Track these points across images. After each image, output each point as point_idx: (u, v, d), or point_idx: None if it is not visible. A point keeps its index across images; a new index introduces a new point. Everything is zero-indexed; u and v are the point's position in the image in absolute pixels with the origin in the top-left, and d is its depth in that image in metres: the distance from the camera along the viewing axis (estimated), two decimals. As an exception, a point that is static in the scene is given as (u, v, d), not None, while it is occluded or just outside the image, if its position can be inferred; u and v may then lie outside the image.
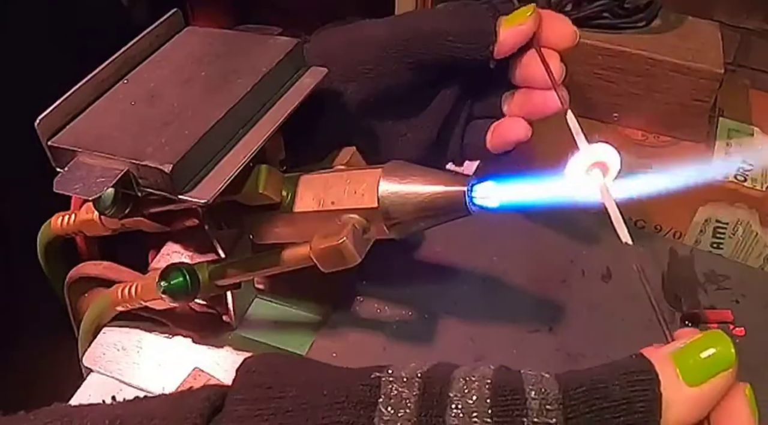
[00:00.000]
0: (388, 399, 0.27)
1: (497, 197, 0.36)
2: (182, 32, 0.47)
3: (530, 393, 0.26)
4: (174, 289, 0.43)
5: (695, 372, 0.26)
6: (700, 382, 0.26)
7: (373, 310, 0.52)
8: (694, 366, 0.26)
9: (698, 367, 0.26)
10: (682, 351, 0.27)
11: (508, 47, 0.43)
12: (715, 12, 1.35)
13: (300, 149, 0.47)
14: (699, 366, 0.26)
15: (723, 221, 0.56)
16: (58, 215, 0.49)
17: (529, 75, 0.44)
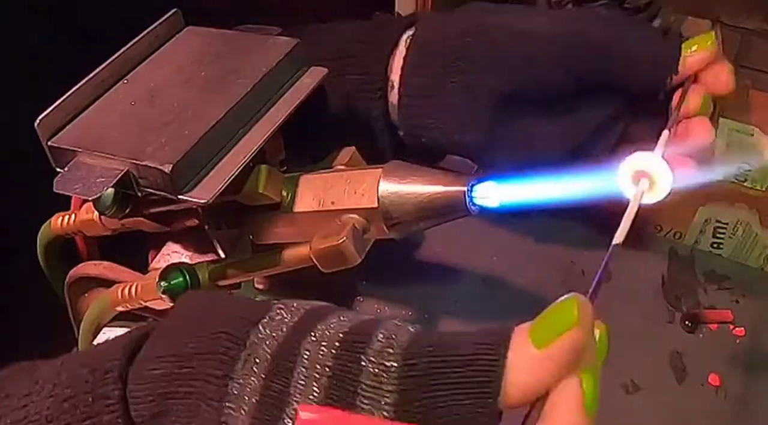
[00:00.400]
0: (270, 321, 0.29)
1: (497, 197, 0.36)
2: (182, 32, 0.47)
3: (378, 336, 0.27)
4: (174, 289, 0.43)
5: (541, 334, 0.26)
6: (546, 343, 0.26)
7: (373, 310, 0.52)
8: (540, 329, 0.26)
9: (544, 329, 0.26)
10: (537, 318, 0.27)
11: (684, 76, 0.41)
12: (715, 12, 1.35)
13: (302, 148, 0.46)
14: (545, 327, 0.26)
15: (723, 221, 0.56)
16: (58, 215, 0.49)
17: None
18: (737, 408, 0.48)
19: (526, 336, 0.26)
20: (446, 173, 0.39)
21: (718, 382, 0.49)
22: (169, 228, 0.46)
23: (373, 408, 0.26)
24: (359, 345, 0.27)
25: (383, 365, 0.26)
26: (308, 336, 0.28)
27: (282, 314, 0.30)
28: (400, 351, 0.27)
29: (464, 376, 0.26)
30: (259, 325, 0.29)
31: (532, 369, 0.26)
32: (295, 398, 0.27)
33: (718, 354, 0.51)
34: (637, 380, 0.50)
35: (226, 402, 0.27)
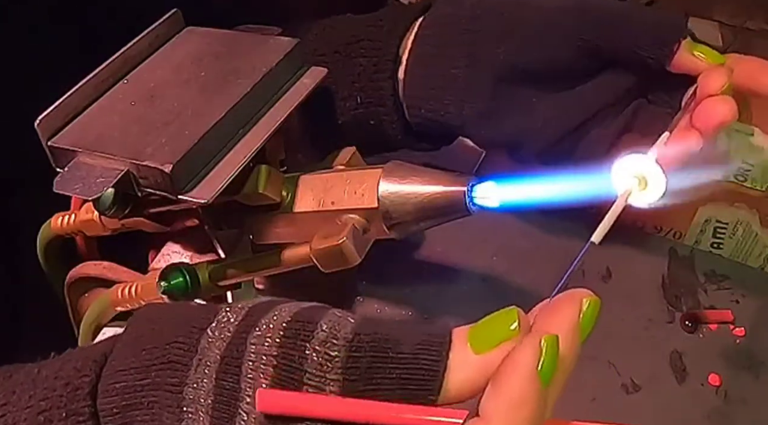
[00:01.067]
0: (218, 324, 0.30)
1: (497, 197, 0.36)
2: (182, 32, 0.47)
3: (322, 326, 0.28)
4: (174, 289, 0.43)
5: (480, 341, 0.27)
6: (484, 350, 0.27)
7: (373, 310, 0.52)
8: (480, 336, 0.27)
9: (484, 337, 0.27)
10: (478, 324, 0.28)
11: (686, 67, 0.41)
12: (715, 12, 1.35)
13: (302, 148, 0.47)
14: (485, 336, 0.27)
15: (723, 221, 0.56)
16: (58, 215, 0.49)
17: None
18: (737, 408, 0.48)
19: (466, 339, 0.27)
20: (446, 173, 0.39)
21: (718, 382, 0.49)
22: (169, 228, 0.46)
23: None
24: (303, 333, 0.28)
25: (327, 354, 0.27)
26: (253, 330, 0.29)
27: (228, 316, 0.30)
28: (344, 342, 0.27)
29: (406, 373, 0.26)
30: (207, 330, 0.30)
31: (469, 372, 0.27)
32: (247, 392, 0.27)
33: (718, 354, 0.51)
34: (637, 380, 0.50)
35: (185, 407, 0.28)
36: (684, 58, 0.41)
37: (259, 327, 0.29)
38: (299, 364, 0.27)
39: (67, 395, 0.30)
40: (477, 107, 0.44)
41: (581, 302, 0.30)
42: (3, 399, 0.31)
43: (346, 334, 0.27)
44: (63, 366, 0.31)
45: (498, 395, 0.25)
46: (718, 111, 0.38)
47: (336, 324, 0.28)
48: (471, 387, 0.26)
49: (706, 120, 0.38)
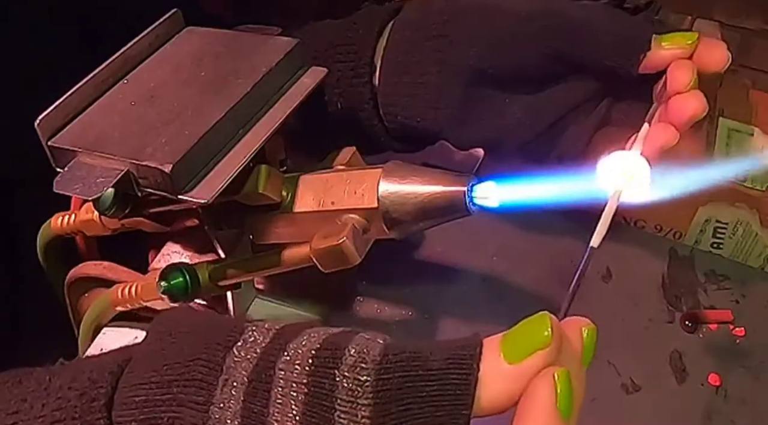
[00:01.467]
0: (244, 344, 0.30)
1: (497, 197, 0.36)
2: (182, 32, 0.47)
3: (350, 351, 0.28)
4: (174, 289, 0.43)
5: (514, 350, 0.27)
6: (518, 360, 0.26)
7: (373, 310, 0.52)
8: (513, 345, 0.27)
9: (517, 346, 0.27)
10: (510, 332, 0.28)
11: (656, 65, 0.41)
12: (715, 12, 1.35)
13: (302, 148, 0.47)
14: (518, 344, 0.27)
15: (723, 221, 0.56)
16: (58, 215, 0.49)
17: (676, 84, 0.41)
18: (737, 408, 0.48)
19: (498, 349, 0.27)
20: (446, 173, 0.39)
21: (718, 382, 0.49)
22: (169, 228, 0.46)
23: (350, 422, 0.26)
24: (332, 360, 0.28)
25: (357, 379, 0.27)
26: (281, 355, 0.29)
27: (255, 336, 0.30)
28: (373, 365, 0.27)
29: (437, 390, 0.26)
30: (233, 349, 0.29)
31: (503, 383, 0.26)
32: (275, 417, 0.27)
33: (718, 354, 0.51)
34: (637, 380, 0.50)
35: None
36: (652, 60, 0.41)
37: (287, 352, 0.29)
38: (330, 391, 0.27)
39: (82, 406, 0.30)
40: (451, 112, 0.45)
41: (581, 332, 0.29)
42: (14, 406, 0.30)
43: (374, 356, 0.27)
44: (77, 375, 0.31)
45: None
46: (689, 107, 0.39)
47: (364, 348, 0.28)
48: (506, 398, 0.26)
49: (677, 116, 0.39)
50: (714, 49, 0.41)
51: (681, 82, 0.40)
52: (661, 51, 0.41)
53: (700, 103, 0.40)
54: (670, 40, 0.41)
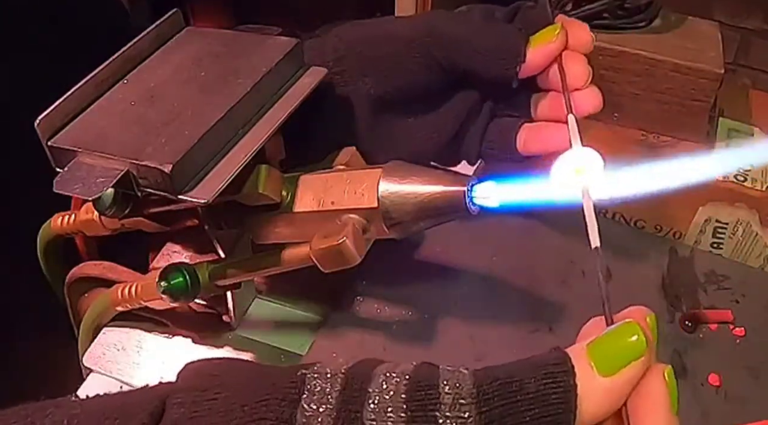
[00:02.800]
0: (311, 395, 0.28)
1: (497, 197, 0.36)
2: (182, 32, 0.47)
3: (444, 388, 0.27)
4: (174, 289, 0.43)
5: (607, 362, 0.26)
6: (613, 372, 0.26)
7: (373, 310, 0.52)
8: (606, 357, 0.26)
9: (610, 357, 0.26)
10: (596, 343, 0.27)
11: (535, 67, 0.43)
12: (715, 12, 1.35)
13: (301, 148, 0.47)
14: (611, 356, 0.26)
15: (723, 221, 0.56)
16: (58, 215, 0.49)
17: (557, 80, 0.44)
18: (737, 408, 0.48)
19: (587, 361, 0.27)
20: (446, 173, 0.39)
21: (718, 382, 0.49)
22: (169, 228, 0.46)
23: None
24: (429, 402, 0.26)
25: (460, 418, 0.26)
26: (366, 404, 0.27)
27: (321, 385, 0.28)
28: (471, 399, 0.26)
29: (539, 412, 0.26)
30: (302, 403, 0.28)
31: (603, 397, 0.26)
32: None
33: (718, 354, 0.51)
34: (637, 380, 0.50)
35: None
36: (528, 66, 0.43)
37: (372, 400, 0.27)
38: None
39: None
40: (361, 141, 0.47)
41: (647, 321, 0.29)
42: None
43: (470, 390, 0.27)
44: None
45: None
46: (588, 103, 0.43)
47: (456, 382, 0.27)
48: (606, 411, 0.26)
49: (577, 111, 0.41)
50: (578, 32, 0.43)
51: (579, 78, 0.42)
52: (532, 55, 0.43)
53: (598, 100, 0.43)
54: (537, 41, 0.43)
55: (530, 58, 0.43)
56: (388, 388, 0.27)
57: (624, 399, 0.26)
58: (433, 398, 0.26)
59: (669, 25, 0.61)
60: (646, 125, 0.60)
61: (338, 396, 0.28)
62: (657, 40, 0.59)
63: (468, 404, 0.26)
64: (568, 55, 0.43)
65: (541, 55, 0.43)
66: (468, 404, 0.26)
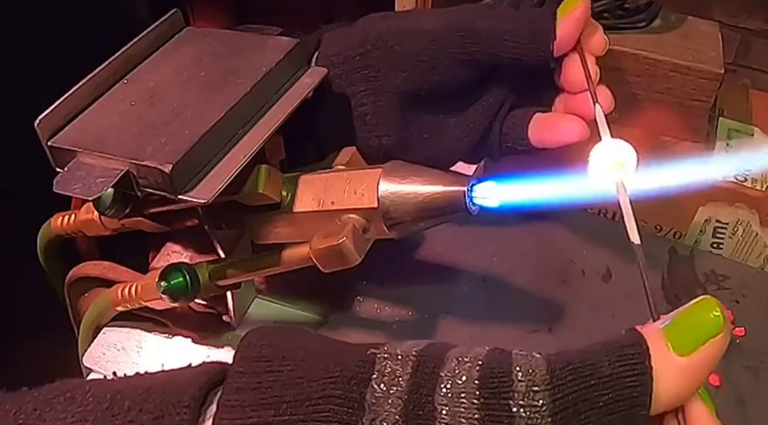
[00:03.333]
0: (381, 376, 0.27)
1: (497, 197, 0.36)
2: (182, 32, 0.47)
3: (517, 375, 0.26)
4: (174, 289, 0.43)
5: (684, 341, 0.26)
6: (690, 351, 0.25)
7: (373, 310, 0.52)
8: (683, 335, 0.26)
9: (687, 335, 0.26)
10: (673, 322, 0.27)
11: (567, 39, 0.43)
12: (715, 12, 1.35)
13: (301, 148, 0.47)
14: (688, 334, 0.26)
15: (723, 221, 0.56)
16: (58, 215, 0.49)
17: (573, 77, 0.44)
18: (737, 408, 0.48)
19: (664, 342, 0.26)
20: (446, 173, 0.39)
21: (718, 382, 0.49)
22: (169, 228, 0.46)
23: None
24: (502, 389, 0.26)
25: (534, 406, 0.25)
26: (437, 388, 0.26)
27: (391, 366, 0.27)
28: (544, 386, 0.26)
29: (613, 396, 0.25)
30: (372, 383, 0.27)
31: (680, 378, 0.25)
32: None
33: (718, 354, 0.51)
34: (637, 380, 0.50)
35: None
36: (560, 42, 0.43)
37: (444, 385, 0.26)
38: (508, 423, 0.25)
39: None
40: (392, 139, 0.46)
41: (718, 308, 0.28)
42: None
43: (543, 376, 0.26)
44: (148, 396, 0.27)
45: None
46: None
47: (530, 368, 0.26)
48: (683, 392, 0.26)
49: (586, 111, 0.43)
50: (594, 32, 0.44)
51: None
52: (562, 28, 0.42)
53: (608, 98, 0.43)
54: (562, 13, 0.43)
55: (560, 32, 0.42)
56: (460, 373, 0.27)
57: (704, 378, 0.26)
58: (506, 385, 0.26)
59: (669, 25, 0.61)
60: (646, 125, 0.60)
61: (409, 379, 0.27)
62: (657, 40, 0.59)
63: (542, 391, 0.26)
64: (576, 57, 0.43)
65: (569, 25, 0.42)
66: (542, 391, 0.26)
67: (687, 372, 0.25)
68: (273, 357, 0.28)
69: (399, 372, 0.27)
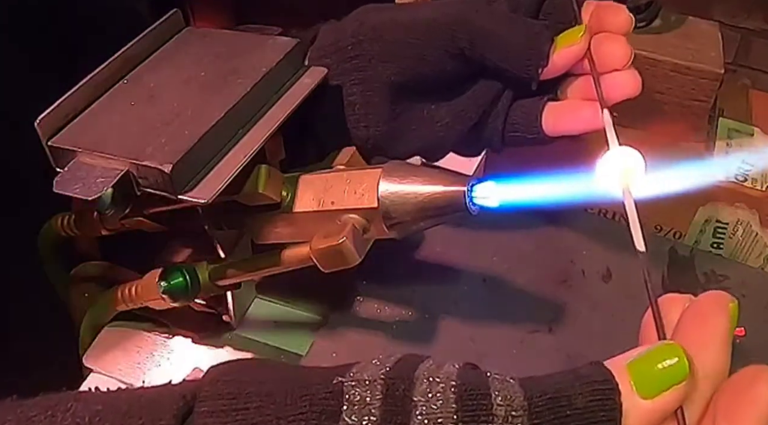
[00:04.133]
0: (351, 406, 0.26)
1: (497, 197, 0.36)
2: (182, 32, 0.47)
3: (496, 399, 0.26)
4: (174, 289, 0.43)
5: (648, 385, 0.26)
6: (653, 395, 0.25)
7: (373, 310, 0.52)
8: (646, 379, 0.26)
9: (651, 380, 0.26)
10: (636, 362, 0.26)
11: (557, 70, 0.42)
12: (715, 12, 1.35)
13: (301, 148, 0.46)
14: (651, 378, 0.26)
15: (723, 221, 0.56)
16: (58, 215, 0.49)
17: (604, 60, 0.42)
18: (737, 408, 0.48)
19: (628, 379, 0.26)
20: (446, 173, 0.39)
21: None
22: (169, 228, 0.46)
23: None
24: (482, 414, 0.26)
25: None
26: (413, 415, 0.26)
27: (360, 394, 0.27)
28: (523, 412, 0.26)
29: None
30: (343, 415, 0.26)
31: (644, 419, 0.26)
32: None
33: (718, 354, 0.51)
34: (637, 380, 0.50)
35: None
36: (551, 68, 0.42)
37: (419, 410, 0.26)
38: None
39: None
40: (383, 129, 0.46)
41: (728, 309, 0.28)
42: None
43: (521, 402, 0.26)
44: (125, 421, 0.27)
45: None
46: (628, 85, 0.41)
47: (507, 393, 0.26)
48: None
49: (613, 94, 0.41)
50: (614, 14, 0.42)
51: (619, 58, 0.41)
52: (557, 58, 0.41)
53: (637, 83, 0.41)
54: (561, 43, 0.42)
55: (554, 60, 0.42)
56: (434, 397, 0.26)
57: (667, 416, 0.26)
58: (485, 409, 0.26)
59: (669, 25, 0.61)
60: (646, 125, 0.60)
61: (381, 406, 0.26)
62: (657, 40, 0.59)
63: (520, 416, 0.26)
64: (606, 37, 0.42)
65: (564, 59, 0.42)
66: (520, 416, 0.26)
67: (651, 412, 0.26)
68: (238, 393, 0.28)
69: (369, 400, 0.27)
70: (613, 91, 0.41)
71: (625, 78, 0.41)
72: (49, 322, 0.53)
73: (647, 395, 0.25)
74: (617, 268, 0.56)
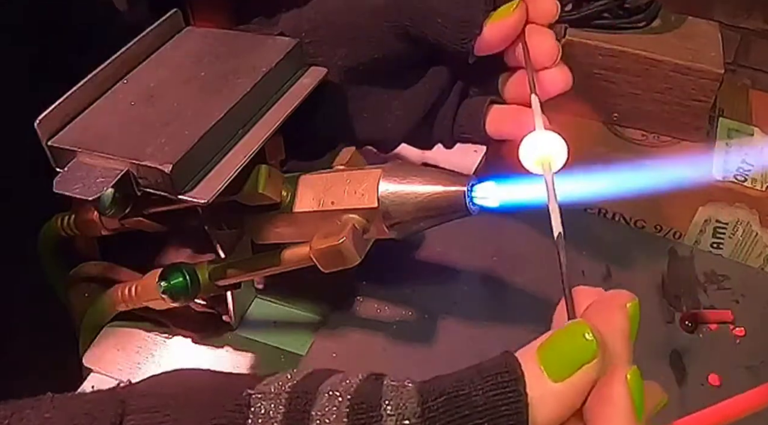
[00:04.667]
0: (256, 419, 0.26)
1: (497, 197, 0.36)
2: (182, 32, 0.47)
3: (386, 409, 0.25)
4: (174, 289, 0.43)
5: (557, 366, 0.25)
6: (564, 377, 0.25)
7: (373, 310, 0.52)
8: (556, 360, 0.25)
9: (561, 360, 0.25)
10: (545, 345, 0.26)
11: (492, 43, 0.42)
12: (715, 12, 1.35)
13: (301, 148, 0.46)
14: (560, 359, 0.25)
15: (723, 221, 0.56)
16: (58, 215, 0.49)
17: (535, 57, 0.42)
18: (737, 408, 0.48)
19: (537, 365, 0.25)
20: (446, 173, 0.39)
21: (718, 382, 0.49)
22: (169, 228, 0.46)
23: None
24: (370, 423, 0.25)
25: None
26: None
27: (265, 407, 0.27)
28: (415, 419, 0.25)
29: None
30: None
31: (555, 404, 0.25)
32: None
33: (718, 354, 0.51)
34: (637, 380, 0.50)
35: None
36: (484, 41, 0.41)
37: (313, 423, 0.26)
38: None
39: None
40: (333, 118, 0.46)
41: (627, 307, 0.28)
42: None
43: (414, 409, 0.25)
44: None
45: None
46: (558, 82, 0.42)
47: (399, 400, 0.26)
48: (560, 416, 0.25)
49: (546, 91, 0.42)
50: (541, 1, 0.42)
51: (546, 55, 0.41)
52: (489, 30, 0.41)
53: (567, 78, 0.42)
54: (495, 16, 0.41)
55: (486, 33, 0.41)
56: (330, 411, 0.26)
57: (581, 402, 0.25)
58: (375, 420, 0.25)
59: (669, 25, 0.61)
60: (646, 125, 0.60)
61: (282, 420, 0.26)
62: (657, 40, 0.59)
63: (412, 424, 0.25)
64: (533, 30, 0.42)
65: (497, 31, 0.41)
66: (412, 424, 0.25)
67: (563, 397, 0.25)
68: (160, 406, 0.28)
69: (272, 413, 0.27)
70: (546, 87, 0.42)
71: (555, 75, 0.42)
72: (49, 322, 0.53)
73: (558, 377, 0.25)
74: (617, 268, 0.56)
